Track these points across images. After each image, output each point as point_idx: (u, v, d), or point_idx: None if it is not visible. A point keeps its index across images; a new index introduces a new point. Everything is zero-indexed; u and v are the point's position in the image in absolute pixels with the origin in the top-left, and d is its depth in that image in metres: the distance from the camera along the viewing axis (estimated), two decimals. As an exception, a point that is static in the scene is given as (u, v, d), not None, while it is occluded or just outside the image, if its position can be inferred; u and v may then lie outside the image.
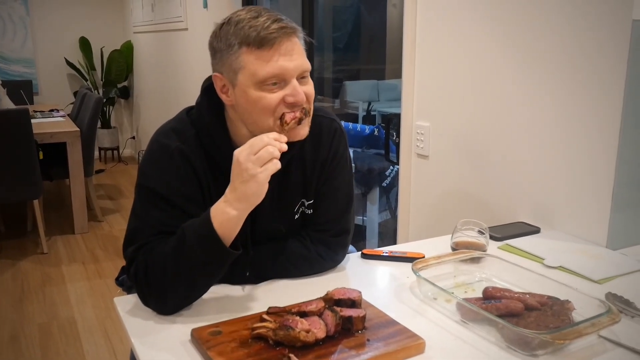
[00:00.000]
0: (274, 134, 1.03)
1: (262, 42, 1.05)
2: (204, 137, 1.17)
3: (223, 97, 1.14)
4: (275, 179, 1.22)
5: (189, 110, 1.23)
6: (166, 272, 1.03)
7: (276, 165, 1.01)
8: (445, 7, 1.81)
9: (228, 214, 1.02)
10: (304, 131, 1.14)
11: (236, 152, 1.02)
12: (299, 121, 1.09)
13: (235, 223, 1.03)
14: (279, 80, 1.08)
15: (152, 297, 1.06)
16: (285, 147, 1.03)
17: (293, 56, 1.07)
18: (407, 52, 1.98)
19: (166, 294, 1.05)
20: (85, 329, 2.81)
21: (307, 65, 1.11)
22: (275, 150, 1.01)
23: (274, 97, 1.08)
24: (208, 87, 1.19)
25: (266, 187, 1.02)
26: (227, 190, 1.03)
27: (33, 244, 3.97)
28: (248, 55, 1.06)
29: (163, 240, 1.08)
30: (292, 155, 1.20)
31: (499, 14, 1.62)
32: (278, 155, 1.01)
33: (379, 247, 1.41)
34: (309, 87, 1.13)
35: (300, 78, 1.10)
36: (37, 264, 3.63)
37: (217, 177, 1.17)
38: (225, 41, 1.08)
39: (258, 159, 1.00)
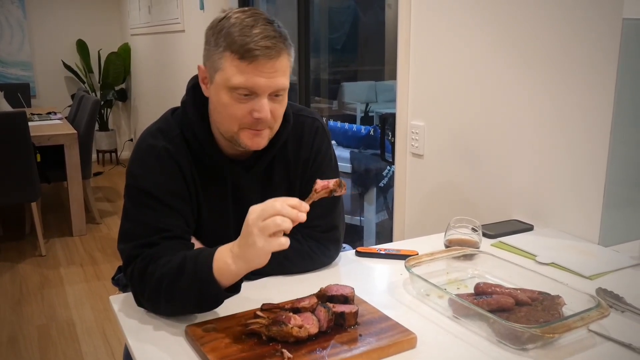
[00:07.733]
0: (295, 200, 0.95)
1: (244, 55, 1.06)
2: (187, 136, 1.19)
3: (203, 87, 1.17)
4: (259, 182, 1.23)
5: (174, 111, 1.26)
6: (160, 293, 1.03)
7: (281, 244, 0.93)
8: (439, 7, 1.83)
9: (228, 266, 0.98)
10: (262, 142, 1.16)
11: (251, 208, 0.96)
12: (330, 192, 1.03)
13: (233, 275, 0.99)
14: (249, 93, 1.09)
15: (144, 303, 1.07)
16: (302, 218, 0.94)
17: (271, 74, 1.08)
18: (402, 51, 2.00)
19: (159, 308, 1.05)
20: (84, 331, 2.82)
21: (284, 84, 1.11)
22: (285, 222, 0.92)
23: (241, 107, 1.10)
24: (193, 86, 1.22)
25: (268, 257, 0.95)
26: (236, 241, 0.99)
27: (31, 247, 3.98)
28: (229, 60, 1.08)
29: (164, 249, 1.08)
30: (274, 156, 1.22)
31: (491, 13, 1.63)
32: (288, 227, 0.93)
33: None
34: (279, 106, 1.14)
35: (274, 95, 1.12)
36: (35, 267, 3.64)
37: (202, 175, 1.21)
38: (215, 38, 1.10)
39: (264, 227, 0.92)
